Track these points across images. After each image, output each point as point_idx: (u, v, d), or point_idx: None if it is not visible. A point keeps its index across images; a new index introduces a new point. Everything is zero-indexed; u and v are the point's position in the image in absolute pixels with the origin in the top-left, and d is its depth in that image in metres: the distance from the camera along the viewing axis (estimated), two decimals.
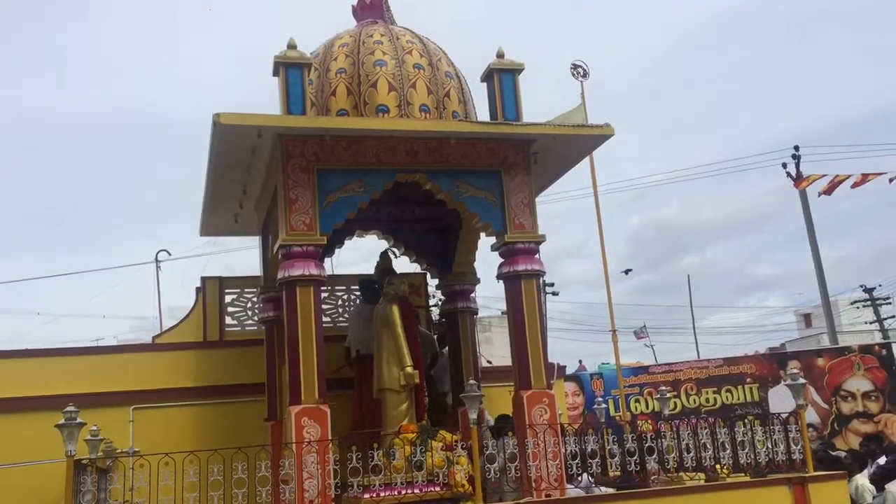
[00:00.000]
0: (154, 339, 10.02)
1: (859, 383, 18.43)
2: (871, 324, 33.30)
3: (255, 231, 9.34)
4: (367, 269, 9.20)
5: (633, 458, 7.01)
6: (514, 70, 7.66)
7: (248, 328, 9.95)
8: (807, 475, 6.98)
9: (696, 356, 29.22)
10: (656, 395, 10.72)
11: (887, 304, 33.61)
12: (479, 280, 9.44)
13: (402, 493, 6.56)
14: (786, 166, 25.15)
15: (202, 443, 7.67)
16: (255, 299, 9.84)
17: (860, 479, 8.58)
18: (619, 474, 7.20)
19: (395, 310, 7.58)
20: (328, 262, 9.42)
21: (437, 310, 9.98)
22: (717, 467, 7.15)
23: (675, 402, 17.91)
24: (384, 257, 8.76)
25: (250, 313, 9.98)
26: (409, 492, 6.58)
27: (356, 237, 9.83)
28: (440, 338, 9.64)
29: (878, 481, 8.13)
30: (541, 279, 7.90)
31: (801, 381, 7.27)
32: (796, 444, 7.16)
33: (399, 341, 7.45)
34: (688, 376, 18.93)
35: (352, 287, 10.10)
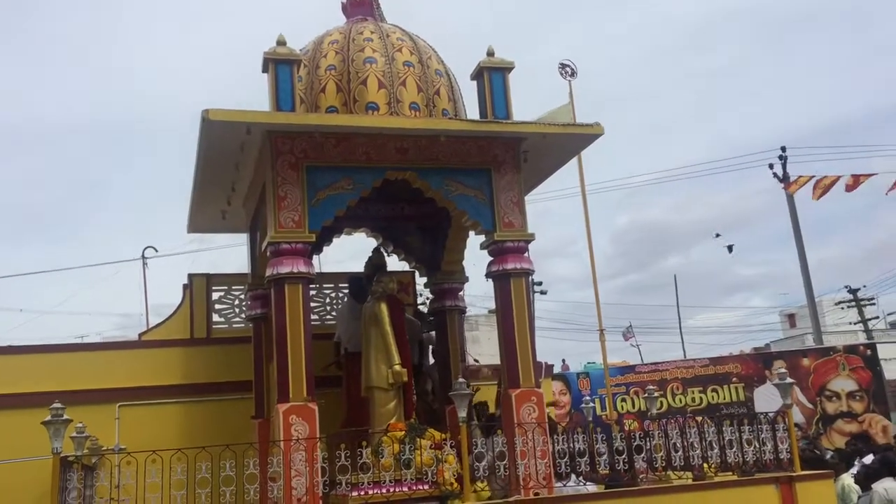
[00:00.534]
0: (141, 336, 9.96)
1: (844, 383, 18.56)
2: (855, 324, 33.54)
3: (242, 228, 9.30)
4: (355, 267, 9.19)
5: (622, 456, 7.03)
6: (505, 68, 7.67)
7: (235, 325, 9.90)
8: (794, 474, 7.03)
9: (683, 356, 29.34)
10: (643, 394, 10.76)
11: (871, 304, 33.85)
12: (467, 279, 9.44)
13: (391, 491, 6.54)
14: (772, 167, 25.33)
15: (189, 441, 7.62)
16: (243, 296, 9.79)
17: (846, 478, 8.65)
18: (607, 472, 7.22)
19: (384, 308, 7.56)
20: (316, 259, 9.39)
21: (425, 308, 9.97)
22: (705, 466, 7.18)
23: (662, 402, 17.97)
24: (377, 253, 8.74)
25: (238, 310, 9.93)
26: (398, 490, 6.57)
27: (345, 235, 9.80)
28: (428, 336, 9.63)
29: (864, 481, 8.18)
30: (530, 278, 7.91)
31: (788, 380, 7.33)
32: (783, 444, 7.20)
33: (387, 339, 7.43)
34: (674, 376, 19.01)
35: (340, 285, 10.08)
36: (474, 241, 8.22)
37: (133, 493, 5.84)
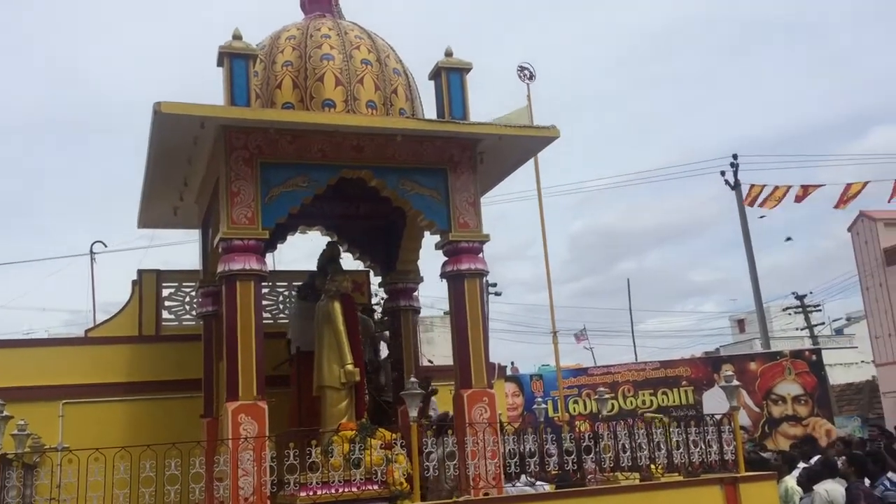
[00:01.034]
0: (87, 332, 9.76)
1: (790, 387, 18.99)
2: (801, 330, 34.29)
3: (195, 224, 9.16)
4: (309, 266, 9.10)
5: (571, 457, 7.09)
6: (462, 69, 7.68)
7: (185, 323, 9.77)
8: (738, 475, 7.15)
9: (634, 359, 29.71)
10: (595, 396, 10.86)
11: (818, 311, 34.68)
12: (422, 279, 9.43)
13: (340, 490, 6.50)
14: (724, 174, 25.80)
15: (135, 440, 7.45)
16: (194, 293, 9.66)
17: (789, 480, 8.83)
18: (557, 472, 7.27)
19: (337, 307, 7.52)
20: (270, 257, 9.30)
21: (379, 308, 9.94)
22: (652, 467, 7.28)
23: (613, 404, 18.17)
24: (331, 246, 8.66)
25: (188, 308, 9.80)
26: (347, 490, 6.53)
27: (299, 233, 9.72)
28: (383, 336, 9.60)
29: (806, 483, 8.37)
30: (484, 279, 7.93)
31: (734, 383, 7.45)
32: (729, 445, 7.32)
33: (340, 338, 7.39)
34: (625, 378, 19.24)
35: (294, 283, 9.98)
36: (430, 241, 8.21)
37: (74, 492, 5.71)
